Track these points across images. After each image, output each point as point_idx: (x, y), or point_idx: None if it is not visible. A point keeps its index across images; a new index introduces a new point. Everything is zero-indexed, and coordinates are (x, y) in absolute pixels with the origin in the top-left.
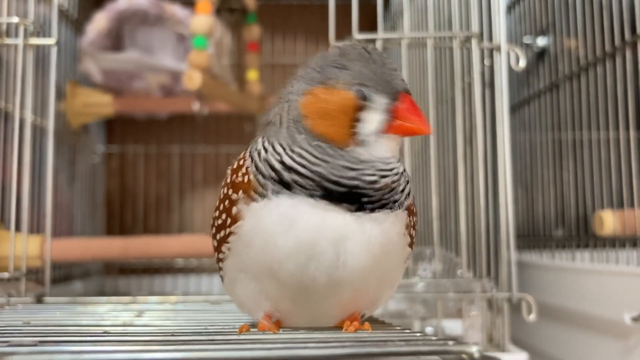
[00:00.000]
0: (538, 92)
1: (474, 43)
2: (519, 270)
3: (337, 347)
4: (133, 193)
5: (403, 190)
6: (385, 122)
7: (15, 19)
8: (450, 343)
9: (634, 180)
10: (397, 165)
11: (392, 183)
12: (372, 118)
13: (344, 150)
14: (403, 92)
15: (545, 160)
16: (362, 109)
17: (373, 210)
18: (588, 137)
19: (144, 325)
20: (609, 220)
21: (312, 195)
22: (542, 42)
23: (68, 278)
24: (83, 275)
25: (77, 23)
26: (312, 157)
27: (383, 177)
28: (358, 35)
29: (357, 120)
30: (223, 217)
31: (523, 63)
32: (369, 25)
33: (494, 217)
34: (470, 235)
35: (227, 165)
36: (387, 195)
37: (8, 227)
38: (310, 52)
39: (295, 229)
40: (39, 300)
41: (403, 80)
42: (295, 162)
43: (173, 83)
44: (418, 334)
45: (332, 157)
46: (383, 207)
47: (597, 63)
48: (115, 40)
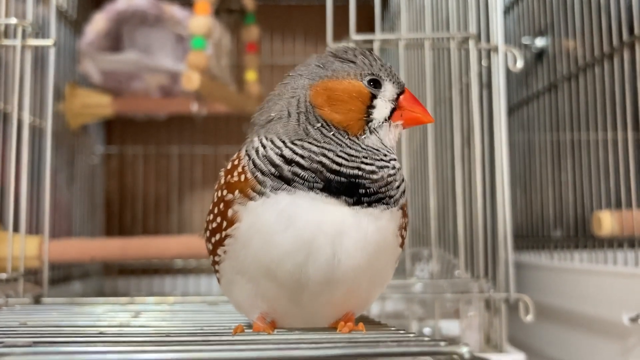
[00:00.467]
0: (536, 92)
1: (472, 44)
2: (518, 271)
3: (329, 348)
4: (132, 193)
5: (398, 187)
6: (394, 110)
7: (14, 20)
8: (442, 344)
9: (632, 181)
10: (396, 159)
11: (388, 176)
12: (383, 105)
13: (359, 139)
14: (405, 87)
15: (544, 161)
16: (374, 97)
17: (370, 205)
18: (586, 137)
19: (140, 326)
20: (607, 221)
21: (311, 188)
22: (540, 42)
23: (67, 279)
24: (82, 276)
25: (76, 24)
26: (317, 147)
27: (382, 168)
28: (356, 36)
29: (371, 107)
30: (218, 220)
31: (520, 64)
32: (367, 26)
33: (492, 217)
34: (468, 236)
35: (225, 165)
36: (383, 189)
37: (6, 227)
38: (309, 52)
39: (294, 227)
40: (37, 301)
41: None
42: (297, 154)
43: (172, 84)
44: (411, 335)
45: (345, 145)
46: (379, 201)
47: (595, 64)
48: (114, 41)
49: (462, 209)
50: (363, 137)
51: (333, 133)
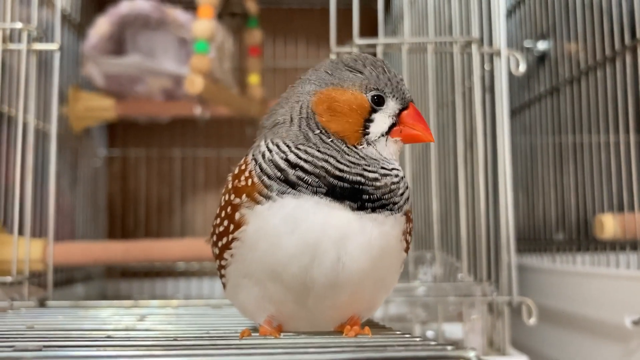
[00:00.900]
0: (539, 95)
1: (474, 48)
2: (520, 274)
3: (337, 352)
4: (135, 196)
5: (402, 194)
6: (394, 126)
7: (19, 25)
8: (449, 348)
9: (634, 184)
10: (398, 169)
11: (391, 184)
12: (382, 121)
13: (357, 148)
14: (410, 101)
15: (546, 164)
16: (374, 112)
17: (374, 210)
18: (588, 140)
19: (146, 330)
20: (610, 224)
21: (316, 192)
22: (542, 46)
23: (70, 281)
24: (85, 279)
25: (79, 27)
26: (319, 152)
27: (384, 175)
28: (359, 40)
29: (368, 121)
30: (225, 223)
31: (523, 68)
32: (371, 29)
33: (495, 220)
34: (471, 239)
35: (228, 169)
36: (387, 196)
37: (11, 231)
38: (312, 56)
39: (300, 230)
40: (42, 304)
41: (409, 91)
42: (301, 158)
43: (175, 87)
44: (417, 339)
45: (343, 152)
46: (383, 207)
47: (597, 67)
48: (117, 45)
49: (464, 212)
50: (361, 147)
51: (331, 140)
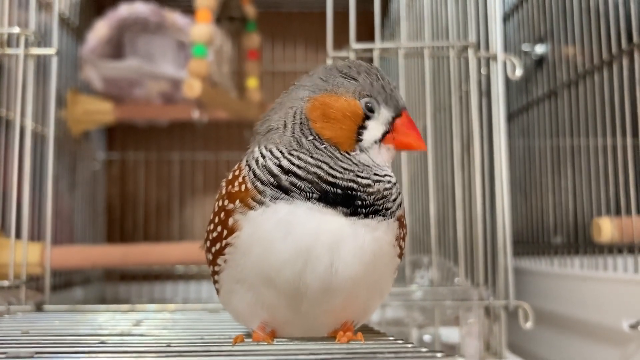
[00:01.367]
0: (536, 99)
1: (471, 53)
2: (517, 277)
3: (327, 359)
4: (133, 200)
5: (395, 200)
6: (387, 133)
7: (17, 30)
8: (439, 355)
9: (632, 188)
10: (391, 176)
11: (384, 190)
12: (376, 128)
13: (350, 154)
14: (404, 110)
15: (544, 167)
16: (367, 119)
17: (367, 216)
18: (586, 144)
19: (141, 335)
20: (607, 227)
21: (309, 198)
22: (540, 49)
23: (69, 285)
24: (83, 282)
25: (78, 31)
26: (312, 159)
27: (377, 182)
28: (356, 45)
29: (362, 128)
30: (218, 229)
31: (519, 72)
32: (368, 32)
33: (492, 224)
34: (468, 243)
35: (227, 172)
36: (379, 202)
37: (8, 234)
38: (310, 59)
39: (294, 235)
40: (39, 308)
41: (402, 98)
42: (294, 164)
43: (173, 90)
44: (409, 346)
45: (336, 158)
46: (375, 213)
47: (594, 71)
48: (116, 48)
49: (461, 216)
50: (354, 153)
51: (325, 146)
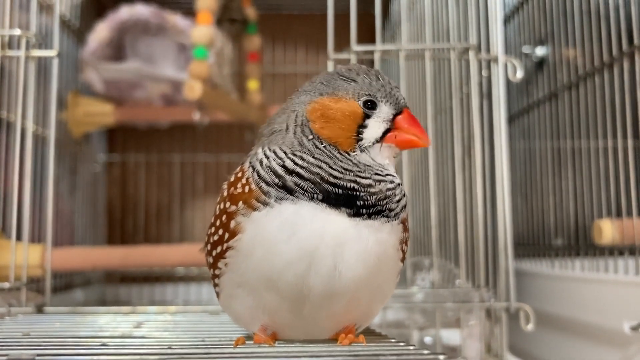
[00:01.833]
0: (537, 101)
1: (472, 55)
2: (518, 279)
3: None
4: (134, 202)
5: (399, 201)
6: (388, 132)
7: (18, 32)
8: (441, 357)
9: (633, 189)
10: (394, 176)
11: (386, 190)
12: (376, 126)
13: (349, 155)
14: (405, 107)
15: (545, 169)
16: (368, 117)
17: (370, 217)
18: (587, 146)
19: (142, 337)
20: (608, 229)
21: (312, 199)
22: (541, 51)
23: (69, 287)
24: (84, 284)
25: (78, 33)
26: (313, 159)
27: (378, 182)
28: (356, 47)
29: (362, 127)
30: (220, 232)
31: (520, 74)
32: (369, 35)
33: (493, 226)
34: (469, 245)
35: (227, 174)
36: (382, 202)
37: (9, 236)
38: (311, 61)
39: (297, 236)
40: (40, 310)
41: (404, 98)
42: (297, 165)
43: (174, 92)
44: (411, 348)
45: (336, 158)
46: (379, 214)
47: (595, 73)
48: (117, 50)
49: (462, 218)
50: (354, 153)
51: (324, 146)
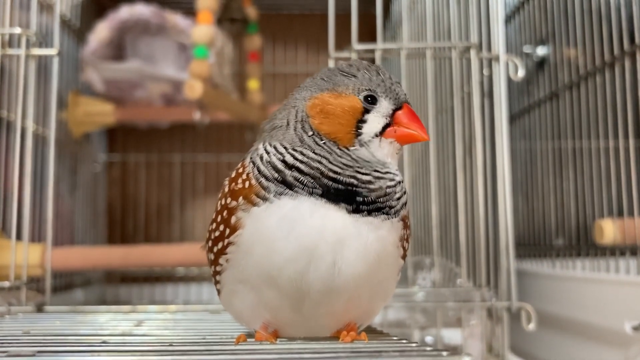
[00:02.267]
0: (538, 101)
1: (473, 53)
2: (519, 279)
3: (332, 357)
4: (134, 201)
5: (399, 199)
6: (388, 127)
7: (18, 30)
8: (444, 354)
9: (634, 189)
10: (394, 173)
11: (387, 188)
12: (376, 121)
13: (349, 150)
14: (405, 102)
15: (546, 169)
16: (367, 112)
17: (369, 213)
18: (588, 146)
19: (143, 335)
20: (609, 229)
21: (312, 194)
22: (542, 51)
23: (69, 286)
24: (84, 284)
25: (79, 33)
26: (313, 154)
27: (378, 179)
28: (357, 46)
29: (361, 122)
30: (221, 228)
31: (522, 73)
32: (369, 35)
33: (494, 226)
34: (470, 244)
35: (228, 174)
36: (382, 199)
37: (9, 235)
38: (311, 61)
39: (296, 232)
40: (40, 309)
41: (405, 94)
42: (297, 159)
43: (174, 92)
44: (413, 345)
45: (335, 154)
46: (379, 210)
47: (596, 72)
48: (117, 50)
49: (463, 218)
50: (353, 148)
51: (324, 142)
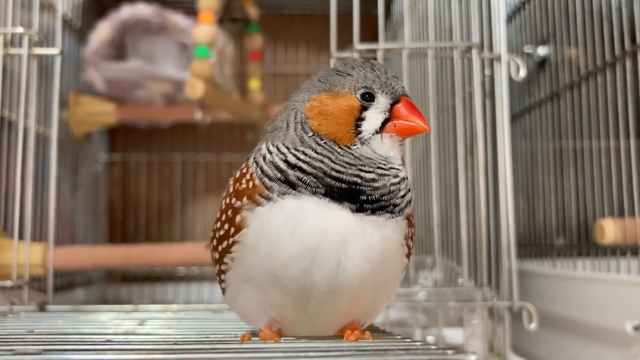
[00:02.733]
0: (539, 101)
1: (475, 53)
2: (521, 279)
3: (337, 356)
4: (135, 201)
5: (404, 197)
6: (388, 121)
7: (20, 29)
8: (449, 352)
9: (635, 189)
10: (399, 169)
11: (391, 185)
12: (375, 117)
13: (350, 149)
14: (403, 95)
15: (547, 169)
16: (365, 109)
17: (374, 212)
18: (589, 145)
19: (146, 334)
20: (610, 229)
21: (315, 193)
22: (542, 51)
23: (70, 286)
24: (85, 283)
25: (80, 32)
26: (315, 153)
27: (382, 176)
28: (359, 46)
29: (360, 120)
30: (226, 227)
31: (523, 73)
32: (371, 35)
33: (495, 225)
34: (471, 244)
35: (228, 174)
36: (386, 197)
37: (11, 235)
38: (312, 61)
39: (301, 232)
40: (42, 309)
41: (403, 87)
42: (299, 159)
43: (175, 92)
44: (418, 343)
45: (337, 153)
46: (383, 209)
47: (597, 72)
48: (118, 50)
49: (465, 217)
50: (354, 147)
51: (324, 142)
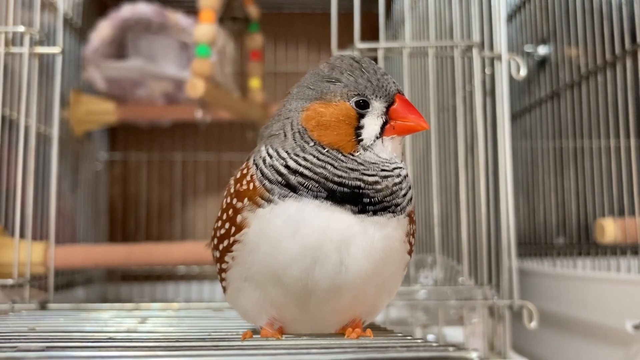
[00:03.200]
0: (539, 100)
1: (475, 52)
2: (521, 278)
3: (339, 353)
4: (136, 200)
5: (405, 195)
6: (386, 124)
7: (21, 28)
8: (451, 349)
9: (635, 188)
10: (400, 167)
11: (393, 186)
12: (373, 123)
13: (354, 155)
14: (397, 94)
15: (547, 168)
16: (362, 117)
17: (375, 213)
18: (589, 145)
19: (148, 332)
20: (610, 228)
21: (316, 197)
22: (543, 50)
23: (71, 285)
24: (85, 282)
25: (81, 31)
26: (317, 160)
27: (385, 177)
28: (360, 45)
29: (359, 128)
30: (227, 226)
31: (524, 72)
32: (371, 34)
33: (495, 224)
34: (472, 243)
35: (229, 173)
36: (388, 198)
37: (12, 233)
38: (313, 60)
39: (301, 233)
40: (43, 307)
41: (395, 83)
42: (300, 165)
43: (176, 91)
44: (419, 341)
45: (340, 160)
46: (385, 210)
47: (597, 71)
48: (119, 49)
49: (465, 216)
50: (357, 154)
51: (327, 150)
